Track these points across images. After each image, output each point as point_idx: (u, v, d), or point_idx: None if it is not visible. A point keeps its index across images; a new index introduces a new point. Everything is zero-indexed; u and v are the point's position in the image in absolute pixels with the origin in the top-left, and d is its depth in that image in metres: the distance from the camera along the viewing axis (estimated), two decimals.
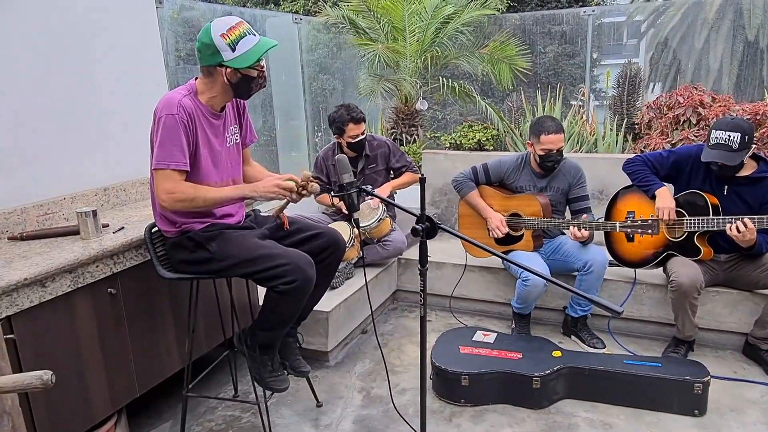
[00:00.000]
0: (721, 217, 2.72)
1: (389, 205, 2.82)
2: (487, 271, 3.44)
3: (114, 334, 2.15)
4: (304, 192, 2.07)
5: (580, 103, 4.63)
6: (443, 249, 3.72)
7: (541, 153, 3.03)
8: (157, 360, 2.36)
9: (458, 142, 4.29)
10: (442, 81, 4.87)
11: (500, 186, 3.28)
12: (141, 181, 2.89)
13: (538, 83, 6.39)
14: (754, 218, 2.63)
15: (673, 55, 11.31)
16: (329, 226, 3.38)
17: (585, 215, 3.07)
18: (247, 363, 2.28)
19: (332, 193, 3.41)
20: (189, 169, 2.00)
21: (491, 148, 4.27)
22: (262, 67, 2.05)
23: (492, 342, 2.84)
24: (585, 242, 3.02)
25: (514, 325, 3.24)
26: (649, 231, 2.76)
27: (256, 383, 2.25)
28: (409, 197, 4.48)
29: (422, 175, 1.87)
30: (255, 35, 1.99)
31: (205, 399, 2.68)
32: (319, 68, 7.09)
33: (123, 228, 2.32)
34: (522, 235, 3.17)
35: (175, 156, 1.94)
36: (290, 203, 2.15)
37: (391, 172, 3.64)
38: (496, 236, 3.16)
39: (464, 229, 3.36)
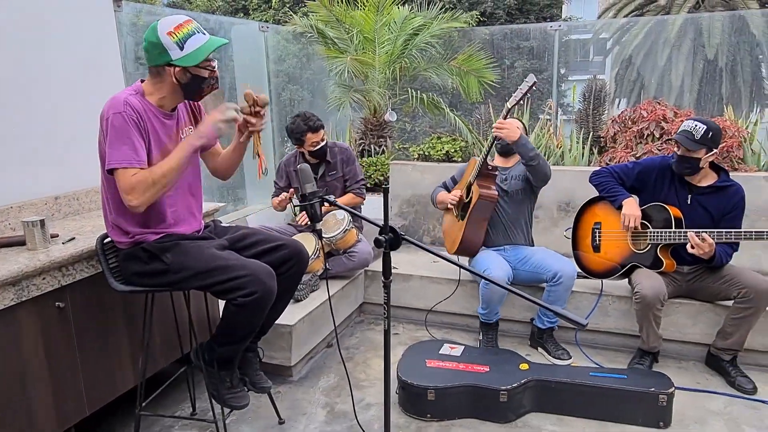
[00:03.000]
0: (683, 230, 2.75)
1: (353, 216, 2.77)
2: (454, 284, 3.41)
3: (62, 349, 2.04)
4: (258, 109, 2.02)
5: (548, 117, 4.68)
6: (410, 261, 3.69)
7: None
8: (108, 377, 2.25)
9: (427, 154, 4.28)
10: (411, 93, 4.86)
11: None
12: (95, 190, 2.77)
13: (506, 96, 6.45)
14: (713, 232, 2.67)
15: (637, 72, 11.64)
16: (293, 237, 3.34)
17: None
18: (204, 379, 2.19)
19: (293, 202, 3.34)
20: (147, 166, 1.90)
21: (459, 159, 4.27)
22: (214, 67, 1.98)
23: (459, 355, 2.81)
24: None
25: (481, 337, 3.21)
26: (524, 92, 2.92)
27: (214, 400, 2.16)
28: (377, 207, 4.45)
29: (386, 185, 1.82)
30: (204, 34, 1.93)
31: (160, 417, 2.57)
32: (289, 78, 7.02)
33: (73, 239, 2.21)
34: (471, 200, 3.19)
35: (128, 154, 1.85)
36: (256, 132, 2.11)
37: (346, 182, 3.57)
38: (459, 198, 3.23)
39: (446, 232, 3.44)
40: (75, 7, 2.74)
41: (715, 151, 2.75)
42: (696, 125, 2.73)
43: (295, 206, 3.32)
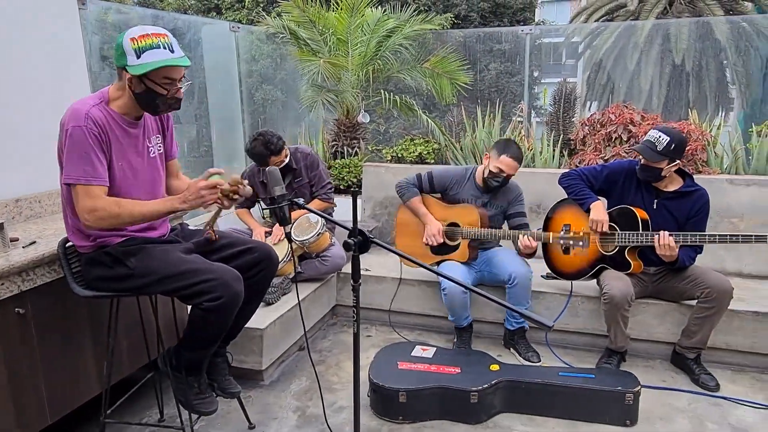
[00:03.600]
0: (650, 233, 2.81)
1: (324, 219, 2.77)
2: (426, 285, 3.43)
3: (22, 357, 1.98)
4: (236, 196, 1.98)
5: (520, 119, 4.74)
6: (382, 263, 3.68)
7: (493, 170, 3.08)
8: (72, 384, 2.19)
9: (400, 156, 4.29)
10: (385, 94, 4.87)
11: (441, 196, 3.30)
12: (58, 192, 2.70)
13: (480, 99, 6.52)
14: (680, 235, 2.73)
15: (607, 75, 11.85)
16: (267, 239, 3.32)
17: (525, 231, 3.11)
18: (171, 385, 2.15)
19: (262, 205, 3.31)
20: (108, 184, 1.89)
21: (432, 161, 4.29)
22: (177, 88, 1.93)
23: (431, 357, 2.81)
24: (529, 255, 3.08)
25: (455, 339, 3.23)
26: (580, 243, 2.82)
27: (181, 406, 2.12)
28: (351, 209, 4.44)
29: (355, 188, 1.82)
30: (172, 51, 1.87)
31: (126, 425, 2.51)
32: (262, 79, 6.97)
33: (34, 242, 2.15)
34: (458, 245, 3.18)
35: (87, 171, 1.82)
36: (222, 211, 2.05)
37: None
38: (430, 244, 3.16)
39: (401, 236, 3.36)
40: (37, 6, 2.66)
41: (678, 161, 2.81)
42: (660, 136, 2.76)
43: (263, 209, 3.29)
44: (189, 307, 2.01)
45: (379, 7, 5.35)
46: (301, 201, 1.95)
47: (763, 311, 2.94)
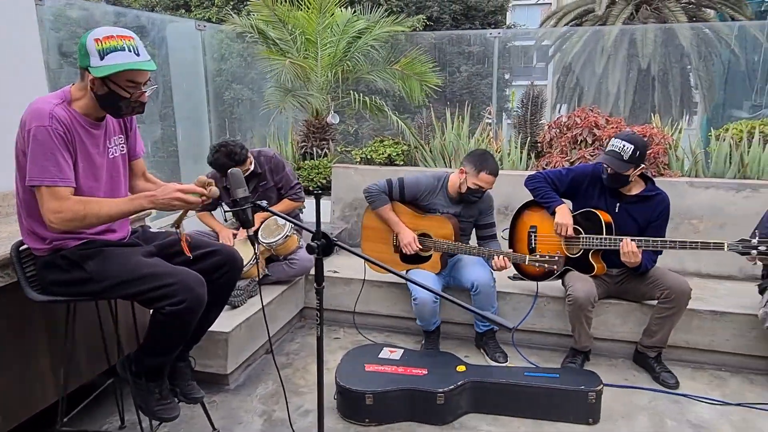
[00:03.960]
0: (614, 237, 2.86)
1: (285, 219, 2.74)
2: (395, 287, 3.43)
3: None
4: (205, 198, 1.95)
5: (488, 121, 4.78)
6: (350, 265, 3.67)
7: (472, 186, 3.05)
8: (26, 392, 2.12)
9: (369, 157, 4.28)
10: (354, 95, 4.85)
11: (411, 203, 3.28)
12: (12, 194, 2.61)
13: (452, 101, 6.56)
14: (642, 240, 2.79)
15: (576, 78, 12.07)
16: (235, 241, 3.27)
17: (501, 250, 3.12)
18: (131, 391, 2.10)
19: (225, 208, 3.26)
20: (75, 185, 1.84)
21: (401, 163, 4.29)
22: (141, 93, 1.89)
23: (398, 359, 2.81)
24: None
25: (423, 341, 3.24)
26: (554, 267, 2.84)
27: (141, 412, 2.08)
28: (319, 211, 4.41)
29: (318, 190, 1.81)
30: (137, 54, 1.84)
31: None
32: (232, 78, 6.88)
33: None
34: (430, 256, 3.18)
35: (52, 171, 1.78)
36: (190, 211, 2.02)
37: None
38: (408, 252, 3.15)
39: (367, 241, 3.34)
40: None
41: (642, 165, 2.87)
42: (624, 145, 2.80)
43: (225, 212, 3.24)
44: (150, 311, 1.97)
45: (350, 8, 5.34)
46: (264, 204, 1.93)
47: (720, 310, 3.03)
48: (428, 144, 4.53)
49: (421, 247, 3.14)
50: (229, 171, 1.89)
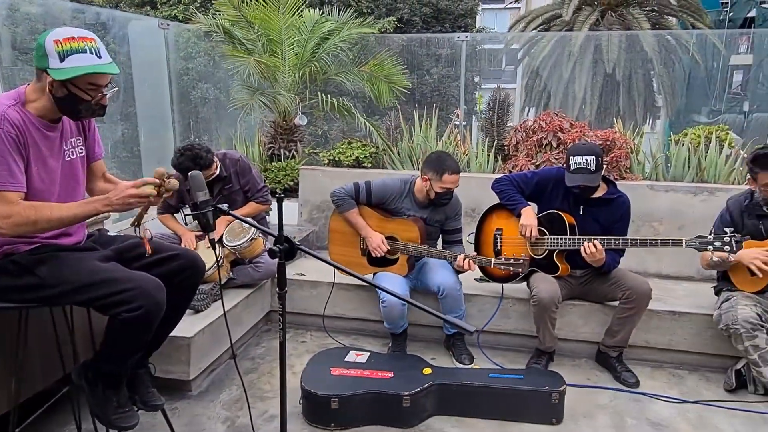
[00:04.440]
0: (577, 237, 2.92)
1: (247, 223, 2.71)
2: (362, 290, 3.42)
3: None
4: (164, 192, 1.90)
5: (457, 123, 4.82)
6: (318, 267, 3.63)
7: (439, 191, 3.04)
8: None
9: (337, 159, 4.27)
10: (322, 97, 4.83)
11: (378, 207, 3.28)
12: None
13: (422, 103, 6.60)
14: (604, 239, 2.85)
15: (544, 82, 12.27)
16: (198, 244, 3.22)
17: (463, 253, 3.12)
18: (87, 400, 2.04)
19: (185, 211, 3.20)
20: (25, 189, 1.79)
21: (369, 165, 4.29)
22: (102, 95, 1.85)
23: (364, 362, 2.80)
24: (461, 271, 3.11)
25: (390, 344, 3.24)
26: (520, 270, 2.88)
27: (98, 421, 2.02)
28: (287, 214, 4.37)
29: (280, 194, 1.79)
30: (99, 57, 1.79)
31: None
32: (199, 77, 6.77)
33: None
34: (396, 259, 3.18)
35: (2, 175, 1.73)
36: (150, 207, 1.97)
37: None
38: (377, 255, 3.15)
39: (335, 244, 3.33)
40: None
41: (604, 168, 2.94)
42: (586, 160, 2.85)
43: (186, 215, 3.18)
44: (107, 317, 1.92)
45: (318, 9, 5.31)
46: (226, 206, 1.90)
47: (679, 310, 3.11)
48: (396, 146, 4.53)
49: (389, 249, 3.14)
50: (189, 173, 1.86)
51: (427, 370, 2.73)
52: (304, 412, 2.61)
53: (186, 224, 3.29)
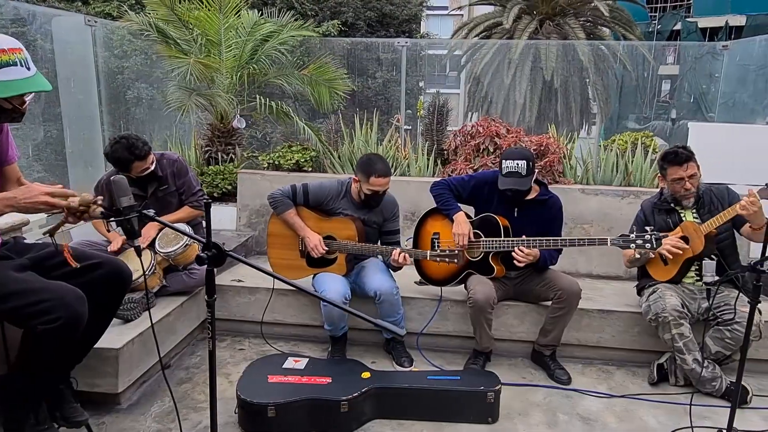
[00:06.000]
0: (511, 239, 3.00)
1: (177, 231, 2.63)
2: (301, 295, 3.38)
3: None
4: (85, 216, 1.82)
5: (397, 126, 4.86)
6: (256, 274, 3.55)
7: (368, 192, 3.08)
8: None
9: (277, 163, 4.21)
10: (260, 99, 4.75)
11: (316, 208, 3.26)
12: None
13: (366, 107, 6.61)
14: (536, 240, 2.95)
15: (486, 88, 12.57)
16: (127, 251, 3.09)
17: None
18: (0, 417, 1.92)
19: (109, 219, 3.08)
20: None
21: (310, 169, 4.26)
22: (23, 103, 1.78)
23: (302, 368, 2.77)
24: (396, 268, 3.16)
25: (330, 348, 3.22)
26: (455, 260, 2.93)
27: None
28: (224, 218, 4.28)
29: (208, 199, 1.75)
30: (29, 68, 1.73)
31: None
32: (136, 76, 6.51)
33: None
34: (335, 258, 3.17)
35: None
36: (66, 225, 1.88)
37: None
38: (316, 255, 3.13)
39: (273, 248, 3.30)
40: None
41: (536, 171, 3.04)
42: (517, 164, 2.95)
43: (109, 221, 3.06)
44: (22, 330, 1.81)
45: (259, 11, 5.23)
46: (152, 212, 1.83)
47: (607, 309, 3.26)
48: (337, 150, 4.52)
49: (327, 249, 3.13)
50: (111, 178, 1.79)
51: (366, 374, 2.73)
52: (240, 421, 2.55)
53: (108, 231, 3.15)
